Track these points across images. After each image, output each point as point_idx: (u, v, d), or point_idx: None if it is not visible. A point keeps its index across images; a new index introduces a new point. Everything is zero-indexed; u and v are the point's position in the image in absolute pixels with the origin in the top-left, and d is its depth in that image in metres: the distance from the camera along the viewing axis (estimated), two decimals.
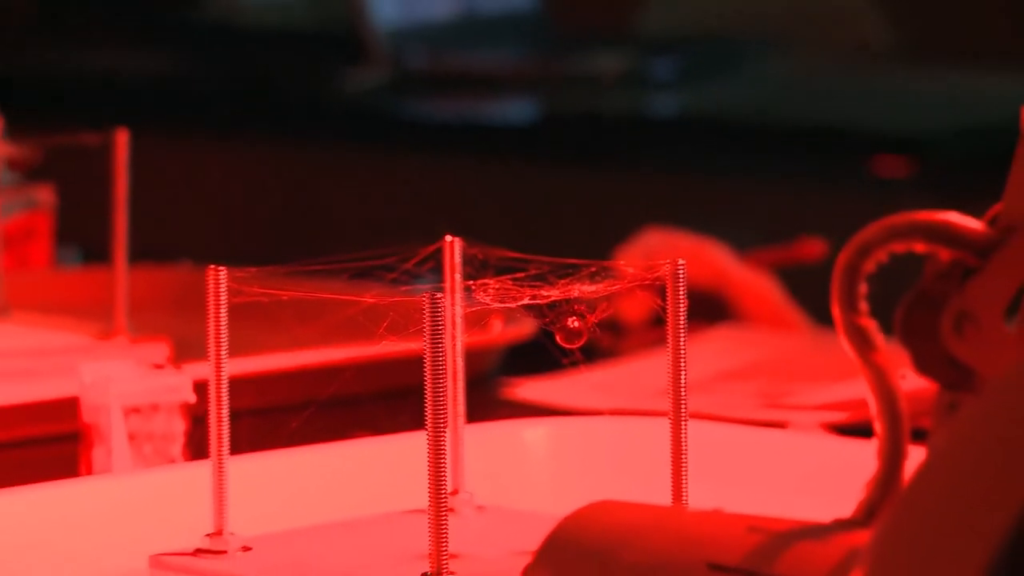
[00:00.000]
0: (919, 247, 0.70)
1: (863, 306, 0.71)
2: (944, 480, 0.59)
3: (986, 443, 0.58)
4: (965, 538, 0.56)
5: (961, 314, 0.69)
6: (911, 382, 0.71)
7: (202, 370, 1.02)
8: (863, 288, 0.71)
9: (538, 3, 3.22)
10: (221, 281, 1.00)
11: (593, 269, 1.00)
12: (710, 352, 1.49)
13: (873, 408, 0.73)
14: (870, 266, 0.71)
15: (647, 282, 1.00)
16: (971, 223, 0.70)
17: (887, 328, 0.72)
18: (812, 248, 1.59)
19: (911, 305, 0.70)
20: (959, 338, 0.69)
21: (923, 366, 0.69)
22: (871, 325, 0.72)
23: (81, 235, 1.70)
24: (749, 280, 1.60)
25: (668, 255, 1.55)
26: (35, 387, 1.36)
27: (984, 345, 0.68)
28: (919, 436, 0.71)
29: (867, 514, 0.72)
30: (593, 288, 0.99)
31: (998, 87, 2.72)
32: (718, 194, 2.60)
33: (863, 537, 0.69)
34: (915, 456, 0.71)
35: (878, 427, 0.73)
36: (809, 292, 1.60)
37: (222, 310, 1.00)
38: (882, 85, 3.08)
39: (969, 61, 3.03)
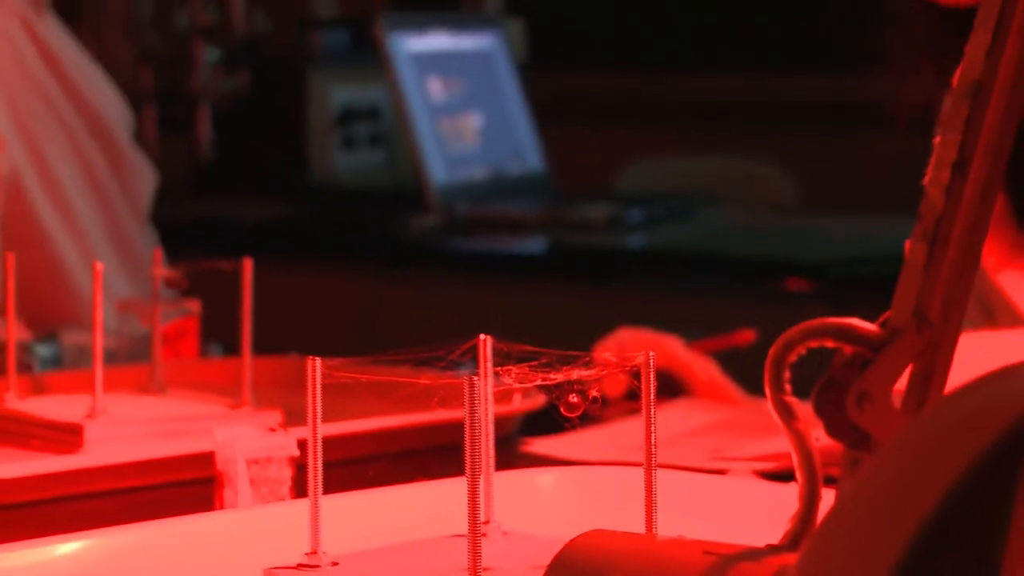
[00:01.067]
0: (829, 344, 0.69)
1: (788, 387, 0.71)
2: (850, 517, 0.58)
3: (880, 489, 0.58)
4: (868, 560, 0.55)
5: (861, 393, 0.68)
6: (824, 443, 0.70)
7: (303, 432, 1.01)
8: (787, 374, 0.71)
9: (546, 169, 3.22)
10: (317, 368, 0.99)
11: (586, 359, 0.99)
12: (671, 419, 1.48)
13: (795, 461, 0.72)
14: (792, 358, 0.70)
15: (625, 368, 0.99)
16: (868, 326, 0.69)
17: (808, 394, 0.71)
18: (745, 336, 1.58)
19: (823, 386, 0.69)
20: (860, 411, 0.68)
21: (833, 431, 0.68)
22: (793, 401, 0.71)
23: (220, 334, 1.68)
24: (696, 364, 1.59)
25: (638, 347, 1.56)
26: (184, 444, 1.34)
27: (878, 417, 0.67)
28: (830, 482, 0.70)
29: (792, 541, 0.71)
30: (587, 373, 0.99)
31: (877, 228, 2.73)
32: (674, 303, 2.59)
33: (790, 559, 0.68)
34: (827, 498, 0.70)
35: (799, 476, 0.72)
36: (740, 370, 1.59)
37: (318, 388, 0.99)
38: (790, 227, 3.08)
39: (852, 211, 3.03)
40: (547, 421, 1.44)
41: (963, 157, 0.70)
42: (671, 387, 1.56)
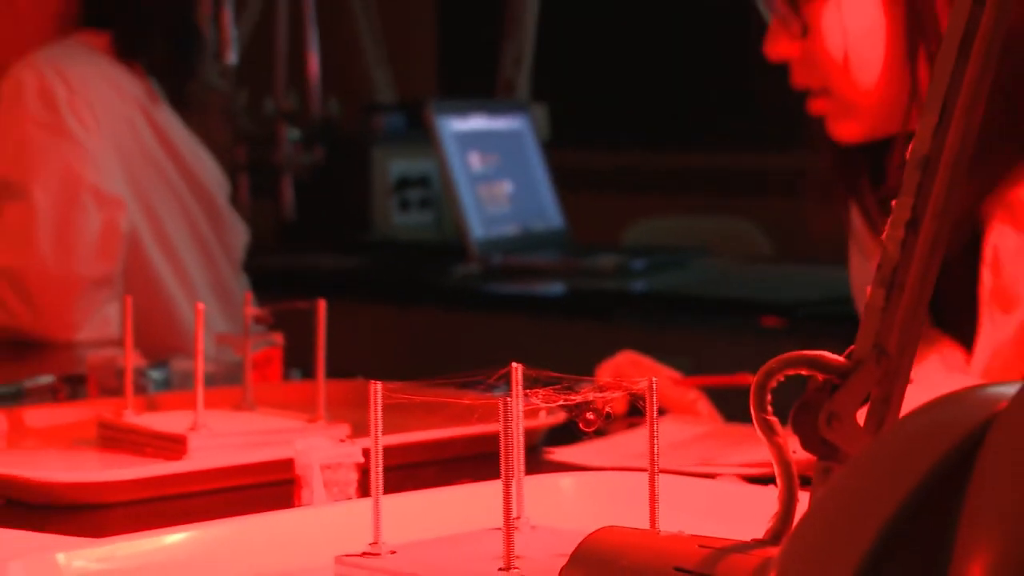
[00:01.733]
0: (803, 372, 0.68)
1: (769, 408, 0.70)
2: (823, 517, 0.57)
3: (848, 494, 0.57)
4: (839, 553, 0.54)
5: (831, 414, 0.67)
6: (800, 455, 0.69)
7: (367, 442, 1.00)
8: (769, 397, 0.70)
9: (565, 227, 3.22)
10: (378, 390, 0.98)
11: (600, 383, 0.98)
12: (661, 432, 1.46)
13: (776, 470, 0.71)
14: (773, 383, 0.69)
15: (631, 391, 0.98)
16: (835, 357, 0.68)
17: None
18: (745, 379, 1.55)
19: (799, 408, 0.68)
20: (830, 429, 0.67)
21: (807, 446, 0.67)
22: (774, 420, 0.70)
23: (299, 362, 1.67)
24: (679, 390, 1.57)
25: (631, 368, 1.55)
26: (269, 452, 1.34)
27: (845, 434, 0.66)
28: (805, 484, 0.69)
29: (774, 537, 0.70)
30: (600, 395, 0.98)
31: (837, 275, 2.71)
32: (670, 337, 2.58)
33: (773, 551, 0.67)
34: (803, 500, 0.68)
35: (779, 481, 0.71)
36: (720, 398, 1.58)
37: (379, 407, 0.98)
38: (767, 274, 3.06)
39: (816, 261, 3.01)
40: (566, 433, 1.43)
41: (915, 217, 0.69)
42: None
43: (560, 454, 1.39)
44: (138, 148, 2.31)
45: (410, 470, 1.28)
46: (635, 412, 1.46)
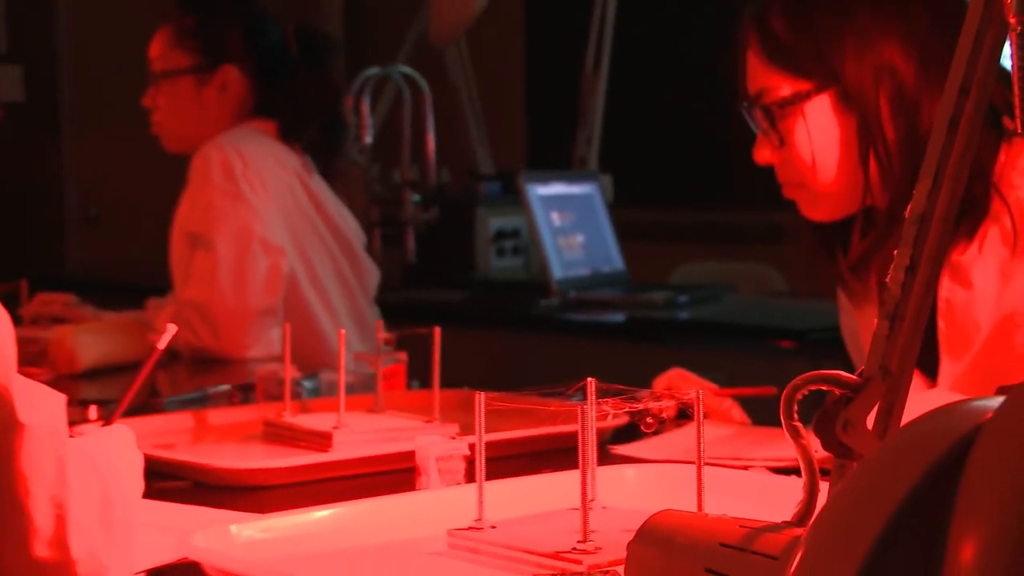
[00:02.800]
0: (823, 388, 0.66)
1: (796, 415, 0.67)
2: (841, 505, 0.55)
3: (860, 488, 0.54)
4: (854, 534, 0.52)
5: (846, 421, 0.65)
6: (821, 454, 0.66)
7: (472, 439, 0.99)
8: (795, 407, 0.67)
9: (625, 269, 3.20)
10: (481, 399, 0.96)
11: (657, 394, 0.96)
12: (709, 432, 1.43)
13: (801, 465, 0.68)
14: (799, 396, 0.67)
15: (681, 400, 0.95)
16: (850, 376, 0.66)
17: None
18: (769, 390, 1.51)
19: (820, 416, 0.66)
20: (845, 433, 0.65)
21: (827, 447, 0.65)
22: (799, 425, 0.67)
23: (419, 375, 1.66)
24: (718, 399, 1.53)
25: (679, 382, 1.52)
26: (395, 446, 1.33)
27: (858, 437, 0.64)
28: (824, 474, 0.66)
29: (800, 519, 0.68)
30: (656, 403, 0.96)
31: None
32: (708, 356, 2.54)
33: (800, 531, 0.64)
34: (823, 489, 0.66)
35: (804, 474, 0.68)
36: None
37: (482, 411, 0.97)
38: (782, 306, 3.01)
39: (824, 295, 2.96)
40: (629, 433, 1.40)
41: (913, 263, 0.66)
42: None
43: (624, 449, 1.36)
44: (296, 208, 2.32)
45: (506, 462, 1.26)
46: (683, 416, 1.43)
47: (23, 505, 0.79)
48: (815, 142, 1.35)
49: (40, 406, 0.81)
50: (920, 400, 0.68)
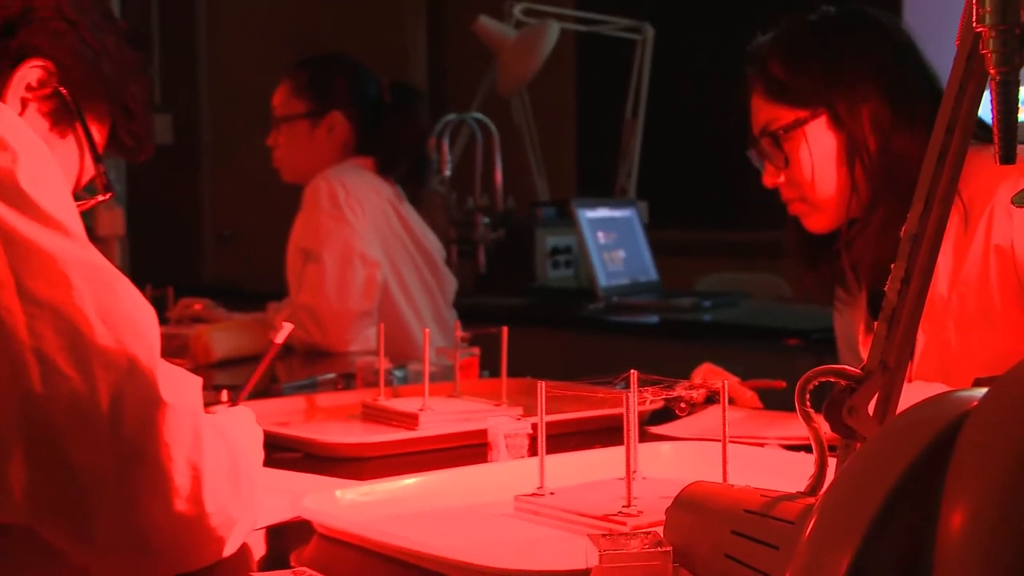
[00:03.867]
0: (831, 379, 0.64)
1: (808, 402, 0.65)
2: (848, 479, 0.53)
3: (866, 465, 0.53)
4: (859, 504, 0.51)
5: (851, 407, 0.63)
6: (829, 435, 0.64)
7: (535, 420, 0.98)
8: (808, 395, 0.65)
9: (658, 279, 3.18)
10: (542, 387, 0.95)
11: (689, 384, 0.94)
12: (731, 415, 1.41)
13: (812, 444, 0.66)
14: (811, 386, 0.65)
15: (711, 388, 0.94)
16: (854, 369, 0.64)
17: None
18: (779, 384, 1.49)
19: (829, 403, 0.64)
20: (850, 417, 0.62)
21: (834, 429, 0.63)
22: (811, 410, 0.66)
23: (489, 366, 1.66)
24: (740, 388, 1.51)
25: (710, 375, 1.50)
26: (471, 424, 1.32)
27: (861, 422, 0.62)
28: (832, 450, 0.64)
29: (812, 490, 0.65)
30: (689, 391, 0.94)
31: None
32: (728, 352, 2.51)
33: (813, 500, 0.63)
34: (831, 464, 0.64)
35: (815, 452, 0.66)
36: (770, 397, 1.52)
37: (543, 397, 0.96)
38: (789, 310, 2.97)
39: (822, 300, 2.92)
40: (665, 415, 1.39)
41: (907, 275, 0.64)
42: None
43: (661, 429, 1.35)
44: (389, 229, 2.33)
45: (562, 439, 1.25)
46: (710, 402, 1.42)
47: (166, 468, 0.79)
48: (814, 157, 1.37)
49: (180, 387, 0.81)
50: (912, 390, 0.66)
